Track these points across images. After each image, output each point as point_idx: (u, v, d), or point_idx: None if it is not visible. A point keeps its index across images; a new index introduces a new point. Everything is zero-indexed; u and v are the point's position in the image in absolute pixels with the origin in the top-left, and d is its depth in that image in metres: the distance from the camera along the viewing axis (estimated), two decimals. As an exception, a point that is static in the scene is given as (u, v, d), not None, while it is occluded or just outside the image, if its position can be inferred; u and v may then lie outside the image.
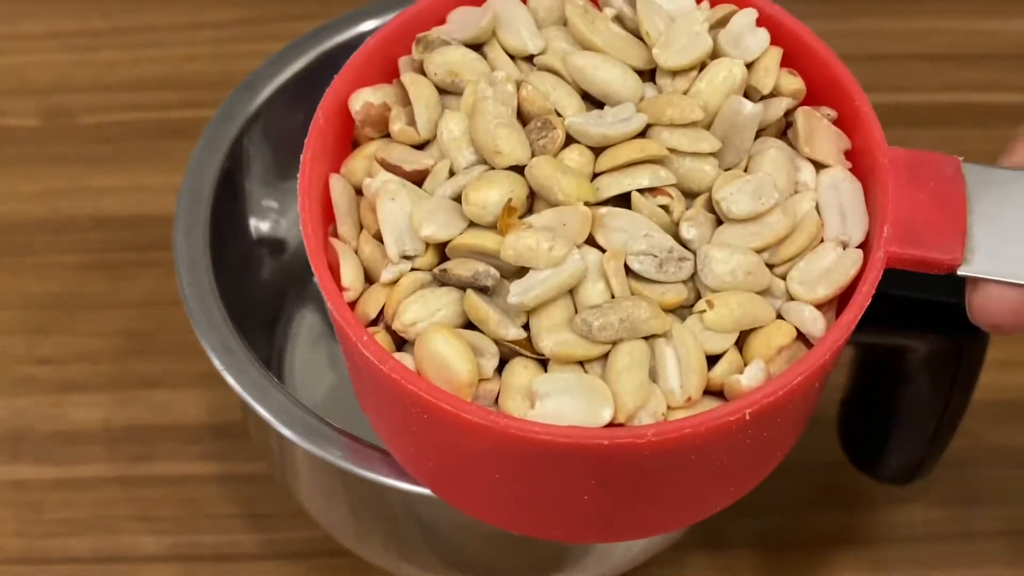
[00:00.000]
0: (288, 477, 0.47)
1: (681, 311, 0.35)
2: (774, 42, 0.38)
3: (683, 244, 0.35)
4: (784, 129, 0.38)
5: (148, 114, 0.65)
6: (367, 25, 0.51)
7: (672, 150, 0.35)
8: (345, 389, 0.51)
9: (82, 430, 0.55)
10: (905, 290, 0.45)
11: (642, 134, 0.35)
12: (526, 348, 0.34)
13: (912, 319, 0.45)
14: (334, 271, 0.36)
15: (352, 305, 0.35)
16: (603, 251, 0.34)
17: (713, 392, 0.34)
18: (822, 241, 0.36)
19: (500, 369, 0.34)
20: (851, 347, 0.50)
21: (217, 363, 0.43)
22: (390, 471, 0.41)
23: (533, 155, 0.35)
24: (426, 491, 0.40)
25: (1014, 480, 0.55)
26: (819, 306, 0.35)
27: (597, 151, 0.35)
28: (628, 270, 0.34)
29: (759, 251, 0.35)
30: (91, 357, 0.57)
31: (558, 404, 0.33)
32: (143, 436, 0.55)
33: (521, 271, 0.34)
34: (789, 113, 0.37)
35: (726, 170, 0.36)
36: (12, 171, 0.63)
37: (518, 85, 0.36)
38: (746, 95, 0.37)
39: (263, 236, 0.52)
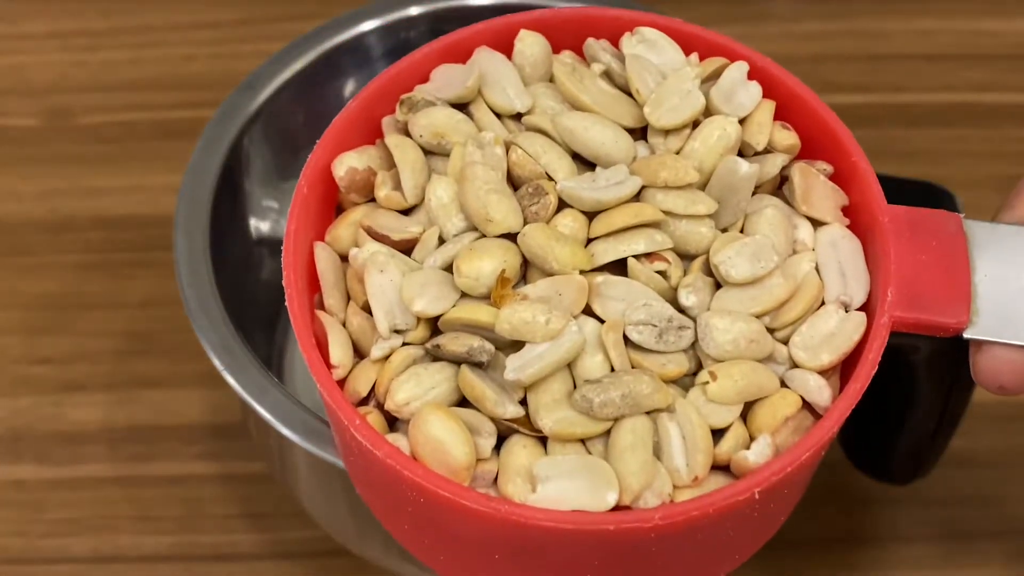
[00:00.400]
0: (288, 477, 0.47)
1: (683, 380, 0.34)
2: (766, 95, 0.37)
3: (682, 311, 0.34)
4: (779, 183, 0.37)
5: (148, 114, 0.65)
6: (367, 25, 0.51)
7: (668, 213, 0.34)
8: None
9: (82, 430, 0.55)
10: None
11: (636, 196, 0.35)
12: (525, 425, 0.33)
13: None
14: (321, 346, 0.34)
15: (341, 383, 0.34)
16: (601, 321, 0.33)
17: (719, 466, 0.33)
18: (823, 303, 0.35)
19: (498, 446, 0.33)
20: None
21: (217, 363, 0.43)
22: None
23: (525, 222, 0.34)
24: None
25: (1014, 480, 0.55)
26: (823, 372, 0.34)
27: (590, 215, 0.34)
28: (627, 340, 0.33)
29: (759, 315, 0.34)
30: (91, 357, 0.57)
31: (560, 488, 0.32)
32: (143, 436, 0.55)
33: (517, 342, 0.33)
34: (784, 168, 0.37)
35: (722, 231, 0.35)
36: (12, 171, 0.63)
37: (507, 147, 0.35)
38: (740, 152, 0.36)
39: (263, 236, 0.52)
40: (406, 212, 0.36)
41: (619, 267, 0.34)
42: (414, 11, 0.51)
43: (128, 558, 0.52)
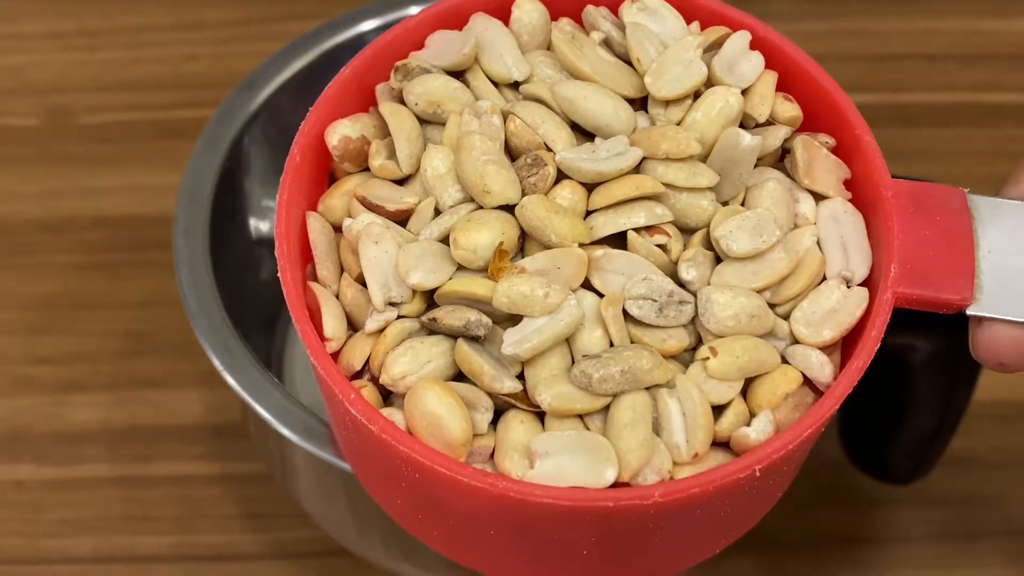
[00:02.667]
0: (287, 477, 0.47)
1: (683, 355, 0.34)
2: (768, 66, 0.36)
3: (682, 285, 0.34)
4: (780, 156, 0.37)
5: (148, 114, 0.65)
6: (367, 25, 0.51)
7: (668, 185, 0.34)
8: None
9: (82, 430, 0.55)
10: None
11: (636, 168, 0.34)
12: (522, 401, 0.33)
13: (913, 319, 0.45)
14: (314, 318, 0.34)
15: (335, 356, 0.34)
16: (600, 295, 0.33)
17: (719, 442, 0.33)
18: (824, 278, 0.35)
19: (495, 421, 0.33)
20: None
21: (217, 363, 0.43)
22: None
23: (524, 193, 0.34)
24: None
25: (1014, 480, 0.55)
26: (824, 348, 0.34)
27: (590, 187, 0.34)
28: (626, 315, 0.33)
29: (760, 290, 0.34)
30: (91, 357, 0.57)
31: (558, 464, 0.31)
32: (143, 436, 0.55)
33: (514, 316, 0.33)
34: (786, 140, 0.36)
35: (723, 204, 0.35)
36: (12, 171, 0.63)
37: (504, 117, 0.35)
38: (741, 124, 0.36)
39: (263, 236, 0.52)
40: (401, 182, 0.36)
41: (619, 240, 0.34)
42: (414, 11, 0.51)
43: (127, 558, 0.52)
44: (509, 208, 0.34)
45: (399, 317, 0.34)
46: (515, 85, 0.36)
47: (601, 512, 0.31)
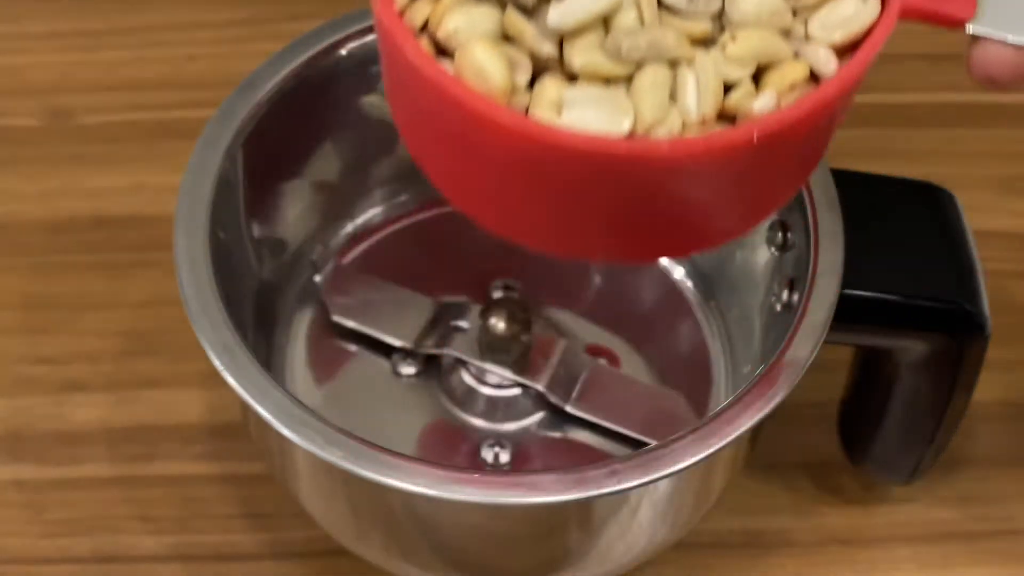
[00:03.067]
0: (288, 477, 0.47)
1: (706, 45, 0.36)
2: None
3: None
4: None
5: (149, 114, 0.65)
6: (368, 25, 0.51)
7: None
8: (345, 389, 0.51)
9: (82, 430, 0.55)
10: (905, 294, 0.45)
11: None
12: (558, 66, 0.35)
13: (912, 321, 0.45)
14: None
15: (400, 14, 0.36)
16: None
17: (727, 118, 0.35)
18: None
19: (531, 85, 0.35)
20: (851, 348, 0.50)
21: (217, 363, 0.43)
22: (390, 471, 0.41)
23: None
24: (427, 491, 0.40)
25: (1014, 480, 0.55)
26: (834, 49, 0.36)
27: None
28: (660, 3, 0.35)
29: None
30: (91, 357, 0.57)
31: (583, 114, 0.34)
32: (143, 436, 0.55)
33: None
34: None
35: None
36: (13, 171, 0.63)
37: None
38: None
39: (263, 236, 0.52)
40: None
41: None
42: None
43: (128, 558, 0.53)
44: None
45: None
46: None
47: (614, 159, 0.34)
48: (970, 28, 0.37)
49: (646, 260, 0.50)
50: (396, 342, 0.50)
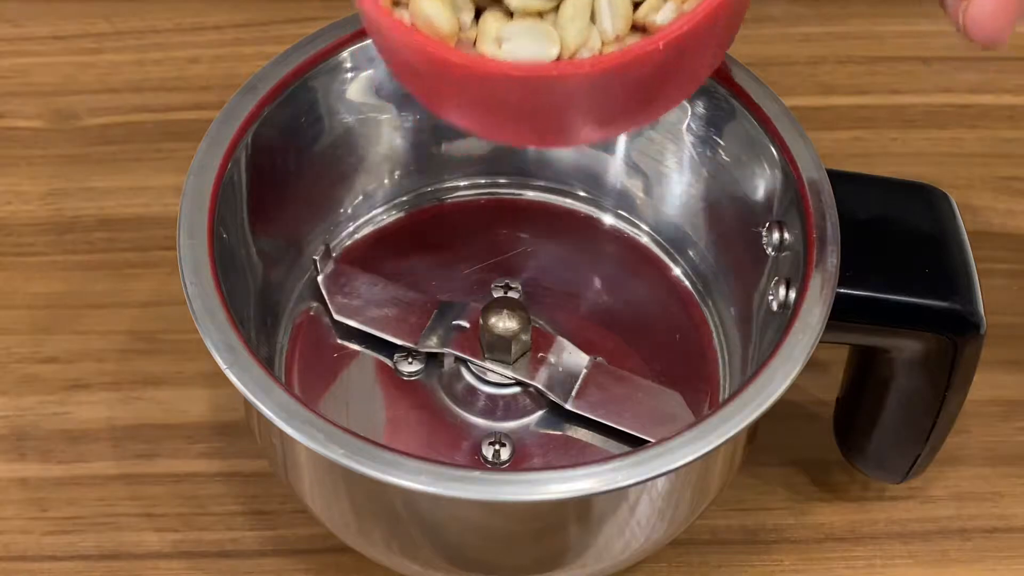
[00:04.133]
0: (291, 475, 0.47)
1: None
2: None
3: None
4: None
5: (152, 116, 0.65)
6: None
7: None
8: (347, 387, 0.51)
9: (87, 428, 0.56)
10: (901, 294, 0.45)
11: None
12: (497, 4, 0.40)
13: (908, 320, 0.46)
14: None
15: None
16: None
17: (639, 29, 0.40)
18: None
19: (476, 19, 0.40)
20: (847, 347, 0.50)
21: (220, 362, 0.43)
22: (392, 469, 0.41)
23: None
24: (428, 488, 0.40)
25: (1009, 478, 0.55)
26: None
27: None
28: None
29: None
30: (95, 356, 0.57)
31: (518, 46, 0.39)
32: (147, 434, 0.55)
33: None
34: None
35: None
36: (17, 172, 0.63)
37: None
38: None
39: (265, 236, 0.52)
40: None
41: None
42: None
43: (132, 555, 0.53)
44: None
45: None
46: None
47: (546, 80, 0.39)
48: None
49: (590, 141, 0.55)
50: (397, 341, 0.50)
